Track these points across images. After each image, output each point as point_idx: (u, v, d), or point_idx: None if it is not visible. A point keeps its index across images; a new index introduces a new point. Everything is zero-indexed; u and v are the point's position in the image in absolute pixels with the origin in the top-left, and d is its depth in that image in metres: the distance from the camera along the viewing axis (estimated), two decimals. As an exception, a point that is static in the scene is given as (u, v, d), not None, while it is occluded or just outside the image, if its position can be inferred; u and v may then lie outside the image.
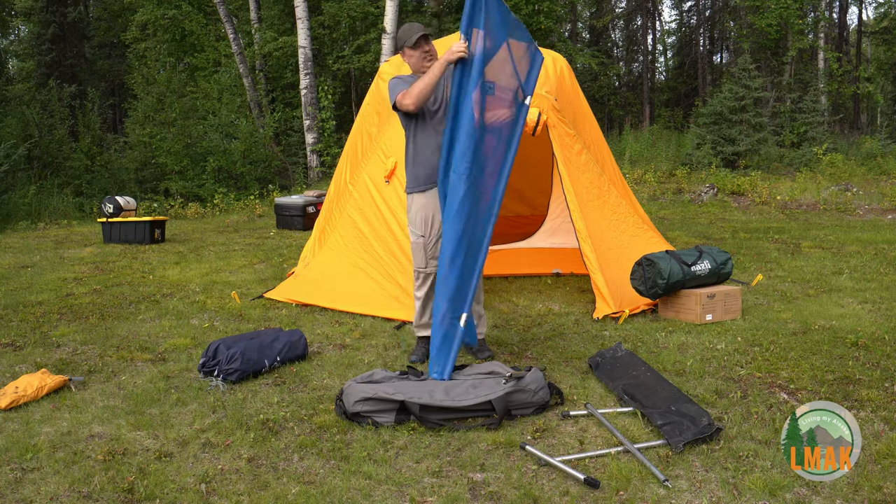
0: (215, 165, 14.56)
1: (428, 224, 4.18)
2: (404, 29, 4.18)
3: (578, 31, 29.82)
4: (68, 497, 2.70)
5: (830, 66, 17.92)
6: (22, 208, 12.45)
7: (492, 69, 3.98)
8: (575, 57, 17.52)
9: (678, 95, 27.74)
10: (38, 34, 25.34)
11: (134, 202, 9.86)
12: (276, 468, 2.90)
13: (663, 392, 3.42)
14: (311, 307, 5.57)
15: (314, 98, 15.79)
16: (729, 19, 23.91)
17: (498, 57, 4.05)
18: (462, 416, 3.30)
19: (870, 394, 3.50)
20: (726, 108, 14.47)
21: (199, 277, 6.91)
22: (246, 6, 19.58)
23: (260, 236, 9.89)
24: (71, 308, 5.72)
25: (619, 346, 4.11)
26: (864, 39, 27.10)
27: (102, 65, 26.64)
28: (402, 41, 4.16)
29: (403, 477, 2.80)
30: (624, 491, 2.65)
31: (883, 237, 8.42)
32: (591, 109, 6.31)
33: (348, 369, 4.09)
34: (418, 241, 4.22)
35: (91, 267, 7.62)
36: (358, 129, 6.14)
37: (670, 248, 5.74)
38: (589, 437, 3.14)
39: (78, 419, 3.41)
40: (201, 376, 3.97)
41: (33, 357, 4.42)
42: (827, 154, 14.10)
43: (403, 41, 4.14)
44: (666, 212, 11.29)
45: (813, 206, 11.37)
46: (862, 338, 4.38)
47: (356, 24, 17.30)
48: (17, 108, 16.01)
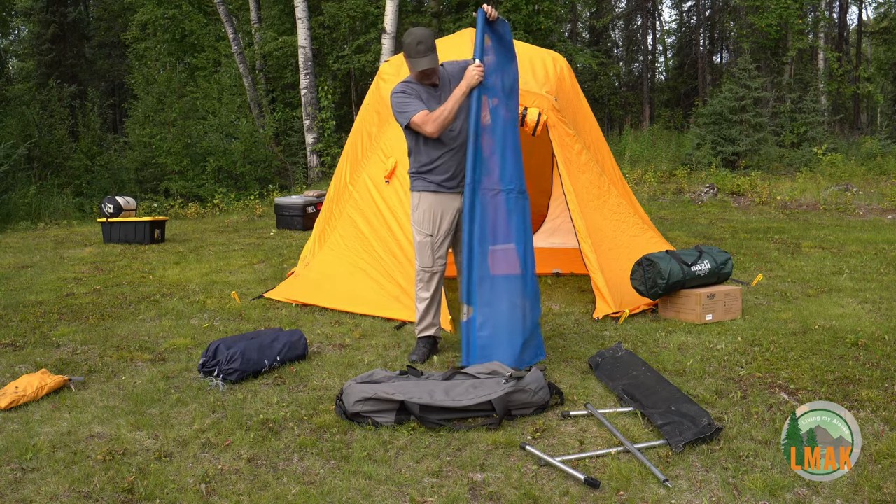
0: (215, 165, 14.56)
1: (436, 223, 4.17)
2: (413, 38, 3.98)
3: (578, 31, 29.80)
4: (68, 497, 2.70)
5: (830, 66, 17.92)
6: (22, 208, 12.45)
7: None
8: (575, 57, 17.52)
9: (678, 95, 27.74)
10: (38, 34, 25.36)
11: (134, 202, 9.86)
12: (276, 468, 2.90)
13: (663, 392, 3.42)
14: (311, 307, 5.57)
15: (314, 98, 15.79)
16: (729, 19, 23.90)
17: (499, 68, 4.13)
18: (462, 416, 3.30)
19: (870, 394, 3.50)
20: (726, 108, 14.47)
21: (199, 277, 6.91)
22: (246, 6, 19.58)
23: (260, 236, 9.89)
24: (71, 308, 5.72)
25: (619, 346, 4.11)
26: (864, 39, 27.10)
27: (102, 65, 26.64)
28: (409, 52, 3.99)
29: (403, 477, 2.80)
30: (624, 491, 2.65)
31: (883, 237, 8.42)
32: (591, 109, 6.31)
33: (348, 369, 4.09)
34: (425, 240, 4.20)
35: (91, 267, 7.62)
36: (358, 129, 6.14)
37: (670, 248, 5.74)
38: (589, 437, 3.14)
39: (78, 419, 3.41)
40: (201, 376, 3.97)
41: (33, 357, 4.41)
42: (827, 154, 14.10)
43: (409, 52, 3.99)
44: (666, 212, 11.30)
45: (813, 206, 11.37)
46: (862, 338, 4.38)
47: (356, 24, 17.30)
48: (17, 108, 16.02)
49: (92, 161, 15.79)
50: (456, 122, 4.07)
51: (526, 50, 6.06)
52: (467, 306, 3.89)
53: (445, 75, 4.15)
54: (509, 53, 4.17)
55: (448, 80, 4.13)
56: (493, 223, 3.98)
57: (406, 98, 4.05)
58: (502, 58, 4.13)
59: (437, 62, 4.01)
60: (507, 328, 3.91)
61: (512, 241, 4.00)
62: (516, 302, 3.96)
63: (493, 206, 3.98)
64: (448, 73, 4.16)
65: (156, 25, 19.39)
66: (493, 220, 3.98)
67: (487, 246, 3.95)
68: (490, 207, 3.97)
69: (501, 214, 4.00)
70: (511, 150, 4.06)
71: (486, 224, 3.96)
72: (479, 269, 3.90)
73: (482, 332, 3.88)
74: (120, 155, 17.07)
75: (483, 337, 3.87)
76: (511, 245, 4.00)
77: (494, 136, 4.03)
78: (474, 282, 3.89)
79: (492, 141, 4.02)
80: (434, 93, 4.10)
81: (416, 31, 4.01)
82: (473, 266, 3.90)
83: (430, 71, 4.03)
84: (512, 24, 15.31)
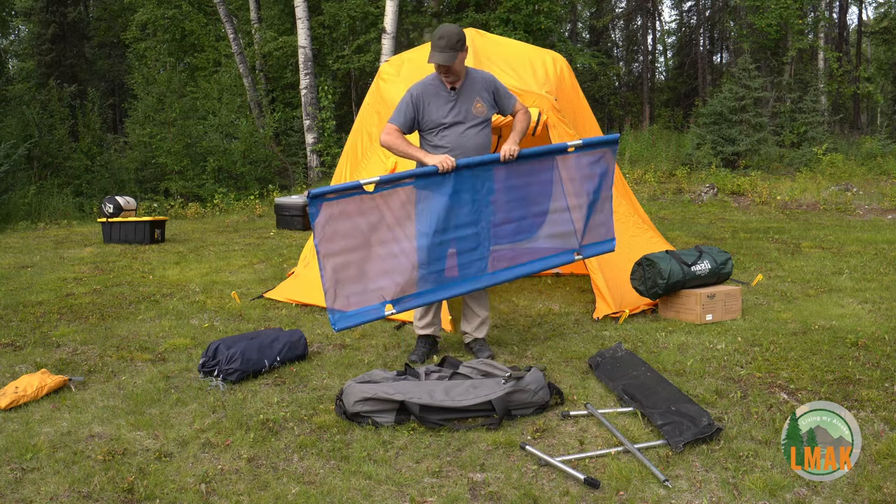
0: (215, 165, 14.56)
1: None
2: (438, 32, 3.96)
3: (578, 31, 29.82)
4: (68, 497, 2.70)
5: (830, 66, 17.92)
6: (22, 208, 12.45)
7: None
8: (575, 57, 17.52)
9: (678, 95, 27.75)
10: (38, 34, 25.34)
11: (134, 202, 9.86)
12: (276, 468, 2.90)
13: (663, 392, 3.42)
14: (311, 307, 5.57)
15: (314, 98, 15.79)
16: (729, 19, 23.90)
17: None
18: (462, 416, 3.30)
19: (870, 394, 3.49)
20: (726, 108, 14.47)
21: (199, 277, 6.91)
22: (246, 6, 19.57)
23: (260, 236, 9.89)
24: (71, 308, 5.72)
25: (619, 346, 4.11)
26: (864, 39, 27.09)
27: (102, 65, 26.64)
28: (431, 43, 4.00)
29: (403, 477, 2.80)
30: (624, 491, 2.65)
31: (883, 237, 8.42)
32: (591, 109, 6.31)
33: (348, 369, 4.09)
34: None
35: (91, 267, 7.62)
36: (358, 129, 6.14)
37: (670, 248, 5.74)
38: (589, 437, 3.14)
39: (78, 419, 3.41)
40: (201, 376, 3.97)
41: (33, 357, 4.41)
42: (827, 154, 14.10)
43: (431, 44, 4.00)
44: (666, 212, 11.30)
45: (813, 206, 11.37)
46: (862, 338, 4.38)
47: (356, 24, 17.29)
48: (17, 108, 16.01)
49: (92, 161, 15.79)
50: (448, 131, 4.08)
51: (526, 50, 6.06)
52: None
53: (468, 82, 4.12)
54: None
55: (470, 86, 4.11)
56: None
57: (402, 103, 4.11)
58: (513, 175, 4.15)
59: (450, 61, 3.95)
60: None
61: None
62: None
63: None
64: (471, 79, 4.14)
65: (156, 25, 19.39)
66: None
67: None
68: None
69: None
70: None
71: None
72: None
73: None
74: (120, 155, 17.07)
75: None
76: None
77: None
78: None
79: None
80: (451, 96, 4.08)
81: (446, 26, 4.01)
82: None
83: (441, 68, 4.01)
84: (512, 24, 15.31)
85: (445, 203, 3.97)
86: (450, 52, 3.92)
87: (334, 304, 3.83)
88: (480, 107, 4.10)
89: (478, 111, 4.09)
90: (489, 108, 4.14)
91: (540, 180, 4.19)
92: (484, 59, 5.40)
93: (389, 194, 3.89)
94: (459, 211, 4.02)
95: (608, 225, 4.45)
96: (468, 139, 4.08)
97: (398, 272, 3.93)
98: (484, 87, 4.13)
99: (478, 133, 4.11)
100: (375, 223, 3.89)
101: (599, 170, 4.29)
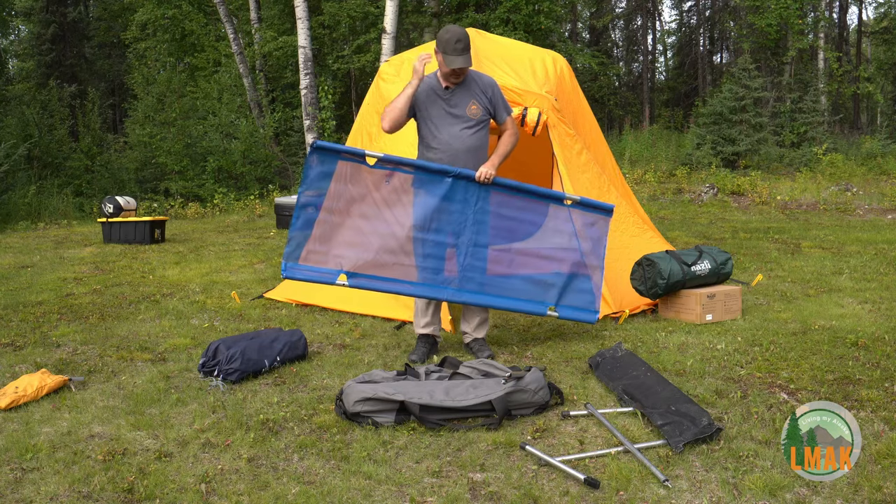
0: (215, 165, 14.56)
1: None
2: (452, 35, 3.93)
3: (578, 31, 29.79)
4: (68, 497, 2.70)
5: (830, 66, 17.93)
6: (22, 208, 12.45)
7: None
8: (575, 57, 17.52)
9: (678, 95, 27.75)
10: (38, 34, 25.36)
11: (134, 202, 9.86)
12: (276, 468, 2.90)
13: (663, 392, 3.41)
14: (311, 307, 5.57)
15: (314, 98, 15.78)
16: (729, 19, 23.91)
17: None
18: (462, 416, 3.30)
19: (870, 394, 3.49)
20: (726, 108, 14.48)
21: (199, 277, 6.91)
22: (246, 6, 19.57)
23: (260, 236, 9.89)
24: (71, 308, 5.72)
25: (619, 346, 4.11)
26: (864, 39, 27.11)
27: (102, 65, 26.65)
28: (445, 48, 3.95)
29: (403, 477, 2.80)
30: (624, 491, 2.65)
31: (883, 237, 8.42)
32: (591, 109, 6.31)
33: (348, 369, 4.09)
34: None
35: (91, 267, 7.62)
36: (358, 129, 6.14)
37: (670, 248, 5.74)
38: (589, 437, 3.14)
39: (78, 419, 3.41)
40: (201, 376, 3.97)
41: (33, 357, 4.41)
42: (827, 154, 14.11)
43: (446, 48, 3.95)
44: (666, 212, 11.30)
45: (813, 206, 11.37)
46: (862, 338, 4.38)
47: (356, 24, 17.28)
48: (17, 108, 16.03)
49: (92, 161, 15.79)
50: (440, 131, 4.08)
51: (526, 50, 6.06)
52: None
53: (466, 82, 4.13)
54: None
55: (467, 86, 4.12)
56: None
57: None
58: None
59: (470, 62, 3.98)
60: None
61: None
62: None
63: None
64: (470, 79, 4.14)
65: (156, 25, 19.39)
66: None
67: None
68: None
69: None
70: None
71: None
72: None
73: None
74: (120, 155, 17.08)
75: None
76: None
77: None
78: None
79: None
80: (445, 94, 4.10)
81: (455, 28, 4.00)
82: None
83: (461, 71, 4.01)
84: (512, 24, 15.31)
85: (434, 205, 4.02)
86: (468, 53, 3.97)
87: (292, 253, 3.94)
88: (475, 108, 4.11)
89: (472, 112, 4.10)
90: (484, 111, 4.15)
91: (529, 220, 4.28)
92: (484, 59, 5.40)
93: (387, 174, 3.98)
94: (445, 217, 4.08)
95: (593, 296, 4.42)
96: (461, 139, 4.10)
97: (365, 248, 4.00)
98: (482, 89, 4.13)
99: (472, 134, 4.12)
100: (363, 195, 3.99)
101: (590, 234, 4.38)
